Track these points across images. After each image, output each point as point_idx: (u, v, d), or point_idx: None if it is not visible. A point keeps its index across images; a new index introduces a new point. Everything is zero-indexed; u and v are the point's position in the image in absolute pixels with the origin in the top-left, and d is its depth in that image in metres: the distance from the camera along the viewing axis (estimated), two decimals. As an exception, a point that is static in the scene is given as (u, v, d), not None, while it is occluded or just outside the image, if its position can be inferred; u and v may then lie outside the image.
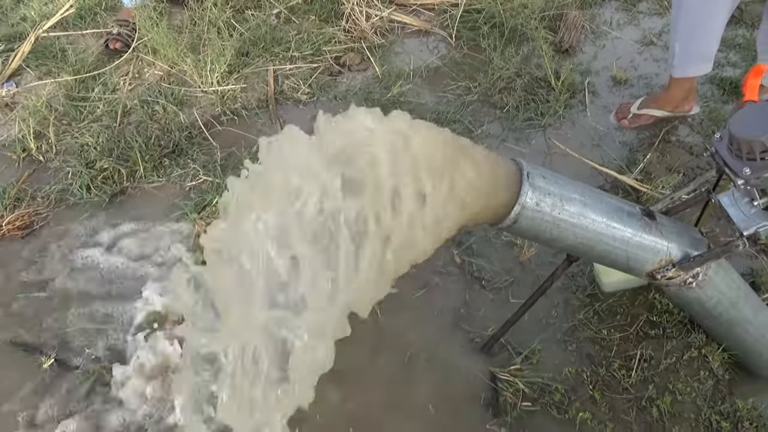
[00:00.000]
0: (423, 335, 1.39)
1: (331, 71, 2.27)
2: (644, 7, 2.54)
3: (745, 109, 1.00)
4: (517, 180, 1.00)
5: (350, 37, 2.40)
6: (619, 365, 1.30)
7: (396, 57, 2.34)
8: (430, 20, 2.52)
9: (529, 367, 1.31)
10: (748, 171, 0.98)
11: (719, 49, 2.28)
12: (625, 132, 1.94)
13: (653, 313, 1.39)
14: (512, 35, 2.32)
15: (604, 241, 1.06)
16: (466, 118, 2.01)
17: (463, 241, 1.59)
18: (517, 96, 2.07)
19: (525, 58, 2.24)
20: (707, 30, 1.71)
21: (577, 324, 1.39)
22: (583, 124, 1.98)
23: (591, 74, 2.19)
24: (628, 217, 1.08)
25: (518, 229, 1.03)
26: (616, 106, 2.02)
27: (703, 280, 1.15)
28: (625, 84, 2.15)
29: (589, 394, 1.26)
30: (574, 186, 1.05)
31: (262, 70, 2.22)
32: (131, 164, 1.80)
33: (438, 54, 2.34)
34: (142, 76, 2.19)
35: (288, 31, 2.40)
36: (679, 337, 1.35)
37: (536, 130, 1.97)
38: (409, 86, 2.17)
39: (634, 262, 1.10)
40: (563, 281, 1.49)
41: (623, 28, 2.44)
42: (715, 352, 1.31)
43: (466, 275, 1.52)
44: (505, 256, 1.56)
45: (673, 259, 1.11)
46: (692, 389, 1.26)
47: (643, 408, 1.23)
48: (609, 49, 2.32)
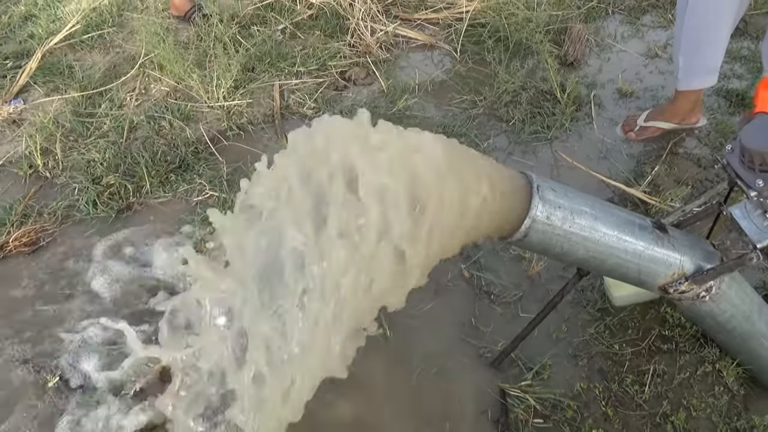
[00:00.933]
0: (432, 350, 1.37)
1: (336, 86, 2.28)
2: (648, 20, 2.55)
3: (757, 121, 0.99)
4: (527, 193, 0.99)
5: (355, 52, 2.41)
6: (631, 381, 1.28)
7: (401, 71, 2.35)
8: (434, 34, 2.53)
9: (540, 383, 1.29)
10: (761, 183, 0.97)
11: (725, 61, 2.28)
12: (632, 144, 1.93)
13: (665, 327, 1.37)
14: (517, 49, 2.33)
15: (615, 254, 1.05)
16: (472, 132, 2.01)
17: (471, 255, 1.57)
18: (522, 109, 2.07)
19: (530, 72, 2.24)
20: (711, 43, 1.71)
21: (588, 339, 1.38)
22: (590, 137, 1.98)
23: (597, 87, 2.19)
24: (639, 230, 1.07)
25: (528, 243, 1.02)
26: (622, 119, 2.02)
27: (716, 294, 1.13)
28: (631, 96, 2.14)
29: (602, 411, 1.24)
30: (584, 199, 1.05)
31: (267, 85, 2.23)
32: (137, 180, 1.80)
33: (443, 68, 2.35)
34: (149, 91, 2.20)
35: (293, 47, 2.41)
36: (692, 351, 1.33)
37: (543, 143, 1.96)
38: (414, 100, 2.17)
39: (646, 275, 1.09)
40: (573, 296, 1.47)
41: (628, 41, 2.44)
42: (729, 367, 1.29)
43: (474, 289, 1.50)
44: (513, 270, 1.54)
45: (685, 272, 1.10)
46: (707, 405, 1.24)
47: (657, 425, 1.21)
48: (614, 62, 2.32)
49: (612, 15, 2.60)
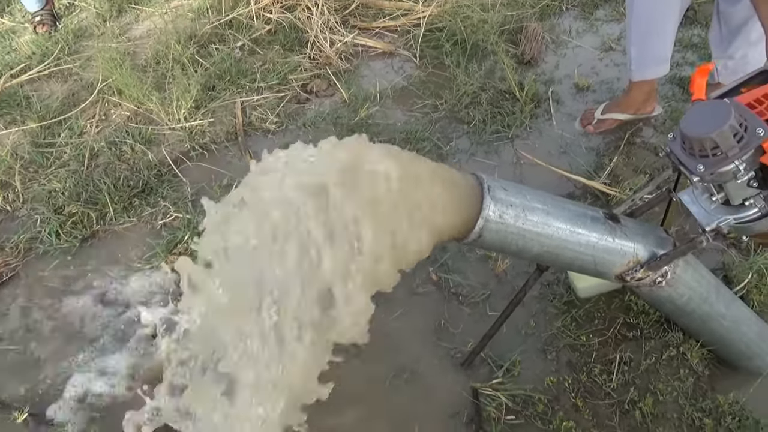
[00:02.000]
0: (403, 356, 1.38)
1: (298, 99, 2.28)
2: (601, 14, 2.60)
3: (694, 108, 1.02)
4: (478, 194, 1.00)
5: (316, 64, 2.42)
6: (599, 370, 1.30)
7: (362, 80, 2.37)
8: (393, 42, 2.55)
9: (511, 380, 1.30)
10: (702, 168, 0.99)
11: (677, 50, 2.34)
12: (591, 137, 1.96)
13: (630, 315, 1.40)
14: (475, 51, 2.36)
15: (569, 247, 1.07)
16: (434, 136, 2.03)
17: (438, 258, 1.59)
18: (483, 110, 2.10)
19: (488, 72, 2.27)
20: (659, 34, 1.75)
21: (555, 332, 1.39)
22: (550, 133, 2.01)
23: (554, 83, 2.22)
24: (592, 222, 1.09)
25: (484, 243, 1.03)
26: (580, 113, 2.05)
27: (672, 279, 1.16)
28: (587, 90, 2.18)
29: (572, 402, 1.26)
30: (536, 195, 1.06)
31: (229, 103, 2.22)
32: (100, 207, 1.78)
33: (404, 74, 2.37)
34: (109, 117, 2.19)
35: (253, 63, 2.42)
36: (656, 336, 1.35)
37: (504, 142, 1.99)
38: (376, 108, 2.19)
39: (602, 266, 1.11)
40: (539, 290, 1.49)
41: (582, 36, 2.49)
42: (693, 349, 1.31)
43: (443, 292, 1.51)
44: (480, 269, 1.56)
45: (640, 260, 1.12)
46: (673, 388, 1.26)
47: (626, 412, 1.23)
48: (570, 58, 2.36)
49: (566, 12, 2.64)
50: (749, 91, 1.05)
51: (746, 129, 0.96)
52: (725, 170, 0.98)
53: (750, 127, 0.96)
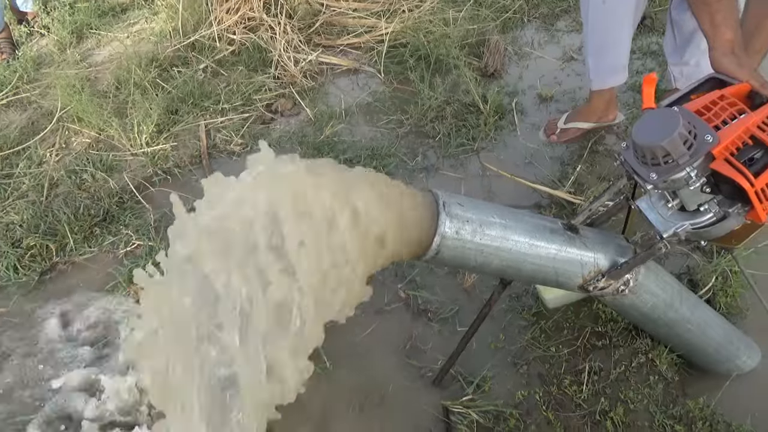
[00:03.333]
0: (373, 378, 1.36)
1: (263, 119, 2.27)
2: (562, 25, 2.64)
3: (644, 117, 1.02)
4: (434, 211, 1.00)
5: (280, 84, 2.41)
6: (570, 381, 1.29)
7: (327, 98, 2.36)
8: (357, 59, 2.56)
9: (482, 396, 1.29)
10: (655, 176, 0.99)
11: (636, 57, 2.38)
12: (555, 147, 1.98)
13: (599, 324, 1.39)
14: (438, 65, 2.37)
15: (529, 260, 1.06)
16: (400, 151, 2.02)
17: (407, 275, 1.57)
18: (448, 123, 2.10)
19: (452, 86, 2.28)
20: (615, 44, 1.77)
21: (525, 345, 1.39)
22: (515, 144, 2.02)
23: (518, 94, 2.24)
24: (551, 234, 1.08)
25: (442, 260, 1.02)
26: (544, 123, 2.07)
27: (635, 286, 1.16)
28: (551, 100, 2.20)
29: (544, 416, 1.24)
30: (493, 210, 1.06)
31: (193, 126, 2.20)
32: (60, 238, 1.74)
33: (368, 91, 2.37)
34: (70, 145, 2.14)
35: (217, 84, 2.40)
36: (625, 344, 1.35)
37: (470, 155, 1.99)
38: (342, 125, 2.18)
39: (564, 277, 1.11)
40: (508, 303, 1.48)
41: (544, 47, 2.52)
42: (662, 355, 1.31)
43: (411, 309, 1.50)
44: (448, 284, 1.55)
45: (601, 269, 1.12)
46: (643, 396, 1.26)
47: (597, 423, 1.22)
48: (533, 69, 2.39)
49: (528, 24, 2.68)
50: (698, 98, 1.06)
51: (695, 136, 0.97)
52: (677, 177, 0.98)
53: (699, 135, 0.97)
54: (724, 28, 1.12)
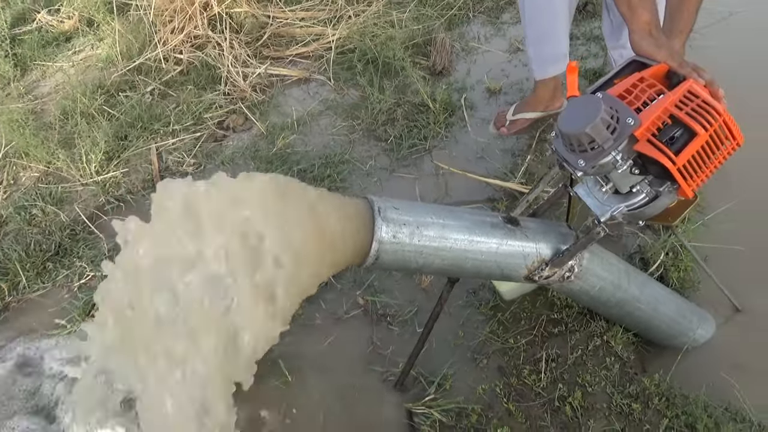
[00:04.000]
0: (335, 387, 1.35)
1: (215, 137, 2.25)
2: (507, 18, 2.66)
3: (569, 105, 1.04)
4: (369, 217, 1.00)
5: (230, 100, 2.40)
6: (529, 371, 1.30)
7: (279, 110, 2.35)
8: (307, 68, 2.55)
9: (444, 394, 1.29)
10: (583, 162, 1.01)
11: (581, 43, 2.42)
12: (506, 139, 1.99)
13: (554, 311, 1.41)
14: (386, 68, 2.37)
15: (471, 257, 1.07)
16: (353, 157, 2.02)
17: (364, 281, 1.57)
18: (399, 125, 2.11)
19: (401, 87, 2.29)
20: (553, 33, 1.80)
21: (484, 339, 1.39)
22: (466, 140, 2.03)
23: (467, 90, 2.25)
24: (491, 229, 1.09)
25: (383, 265, 1.02)
26: (493, 117, 2.09)
27: (580, 272, 1.17)
28: (499, 93, 2.22)
29: (505, 408, 1.25)
30: (430, 210, 1.06)
31: (143, 150, 2.17)
32: (12, 276, 1.70)
33: (320, 99, 2.37)
34: (18, 181, 2.10)
35: (166, 106, 2.37)
36: (581, 329, 1.37)
37: (422, 155, 2.00)
38: (294, 136, 2.17)
39: (508, 270, 1.12)
40: (465, 299, 1.49)
41: (490, 40, 2.54)
42: (616, 336, 1.33)
43: (370, 315, 1.50)
44: (406, 286, 1.55)
45: (544, 258, 1.13)
46: (601, 378, 1.27)
47: (557, 409, 1.23)
48: (480, 63, 2.41)
49: (473, 19, 2.70)
50: (620, 82, 1.08)
51: (618, 120, 0.98)
52: (605, 162, 1.00)
53: (621, 118, 0.98)
54: (641, 10, 1.14)
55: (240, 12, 2.72)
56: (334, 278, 1.58)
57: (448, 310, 1.47)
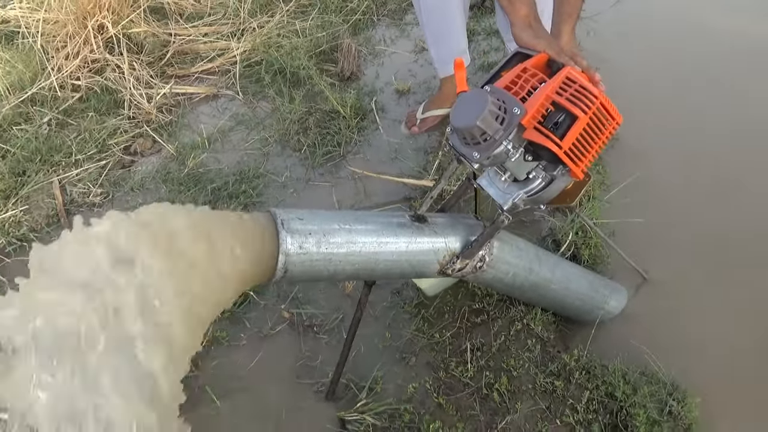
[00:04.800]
0: (266, 406, 1.33)
1: (122, 163, 2.16)
2: (410, 19, 2.71)
3: (458, 100, 1.06)
4: (274, 231, 0.98)
5: (136, 123, 2.31)
6: (456, 363, 1.33)
7: (188, 129, 2.29)
8: (214, 84, 2.50)
9: (375, 398, 1.29)
10: (477, 155, 1.04)
11: (482, 38, 2.49)
12: (417, 138, 2.03)
13: (475, 301, 1.44)
14: (294, 77, 2.36)
15: (382, 258, 1.08)
16: (268, 170, 2.00)
17: (288, 294, 1.55)
18: (312, 134, 2.10)
19: (311, 96, 2.28)
20: (450, 32, 1.84)
21: (411, 337, 1.41)
22: (379, 142, 2.05)
23: (376, 93, 2.27)
24: (398, 228, 1.10)
25: (293, 277, 1.01)
26: (404, 117, 2.11)
27: (491, 261, 1.20)
28: (408, 93, 2.26)
29: (436, 403, 1.27)
30: (336, 217, 1.06)
31: (44, 184, 2.06)
32: None
33: (230, 114, 2.32)
34: None
35: (66, 136, 2.26)
36: (502, 315, 1.40)
37: (338, 161, 2.00)
38: (206, 155, 2.12)
39: (420, 267, 1.13)
40: (390, 300, 1.50)
41: (396, 42, 2.57)
42: (536, 318, 1.38)
43: (297, 328, 1.48)
44: (331, 294, 1.54)
45: (454, 251, 1.15)
46: (524, 360, 1.31)
47: (485, 396, 1.26)
48: (388, 66, 2.44)
49: (378, 22, 2.73)
50: (506, 74, 1.12)
51: (506, 110, 1.01)
52: (498, 152, 1.02)
53: (509, 109, 1.02)
54: (519, 4, 1.18)
55: (139, 32, 2.63)
56: (256, 295, 1.55)
57: (373, 313, 1.48)
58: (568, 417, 1.21)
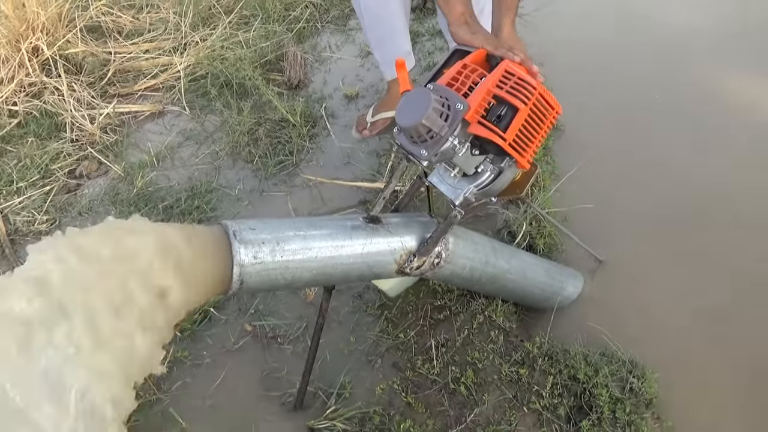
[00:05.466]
0: (234, 424, 1.30)
1: (68, 188, 2.09)
2: (354, 24, 2.72)
3: (402, 99, 1.08)
4: (227, 243, 0.97)
5: (80, 146, 2.24)
6: (422, 361, 1.33)
7: (135, 148, 2.23)
8: (159, 100, 2.45)
9: (345, 403, 1.29)
10: (425, 152, 1.05)
11: (426, 38, 2.52)
12: (369, 141, 2.03)
13: (437, 298, 1.45)
14: (241, 89, 2.34)
15: (339, 262, 1.07)
16: (221, 184, 1.97)
17: (249, 307, 1.53)
18: (263, 144, 2.08)
19: (260, 106, 2.26)
20: (393, 35, 1.85)
21: (376, 339, 1.41)
22: (332, 148, 2.05)
23: (325, 99, 2.27)
24: (353, 231, 1.10)
25: (250, 288, 1.00)
26: (354, 121, 2.12)
27: (448, 256, 1.21)
28: (356, 98, 2.26)
29: (405, 402, 1.27)
30: (289, 224, 1.05)
31: (-15, 215, 1.97)
32: None
33: (177, 130, 2.28)
34: None
35: (6, 163, 2.17)
36: (464, 310, 1.42)
37: (291, 170, 1.98)
38: (155, 173, 2.07)
39: (378, 268, 1.13)
40: (353, 304, 1.50)
41: (341, 48, 2.58)
42: (497, 310, 1.40)
43: (261, 340, 1.46)
44: (292, 303, 1.53)
45: (411, 249, 1.16)
46: (488, 352, 1.33)
47: (453, 391, 1.27)
48: (335, 71, 2.44)
49: (322, 29, 2.73)
50: (447, 72, 1.13)
51: (449, 107, 1.03)
52: (445, 148, 1.04)
53: (452, 105, 1.03)
54: (455, 2, 1.20)
55: (77, 52, 2.56)
56: (217, 311, 1.53)
57: (337, 319, 1.47)
58: (535, 403, 1.23)
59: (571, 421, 1.21)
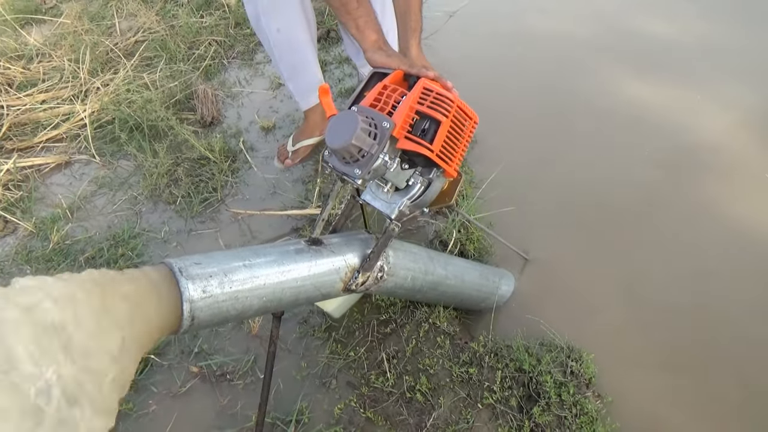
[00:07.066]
0: (191, 469, 1.26)
1: (-28, 252, 1.95)
2: (260, 58, 2.74)
3: (330, 123, 1.12)
4: (173, 281, 0.96)
5: (-20, 207, 2.10)
6: (375, 375, 1.36)
7: (44, 202, 2.12)
8: (64, 150, 2.34)
9: (304, 429, 1.28)
10: (359, 171, 1.09)
11: (335, 66, 2.58)
12: (293, 170, 2.05)
13: (381, 313, 1.49)
14: (153, 131, 2.29)
15: (287, 286, 1.09)
16: (144, 228, 1.91)
17: (192, 348, 1.49)
18: (184, 184, 2.04)
19: (175, 147, 2.22)
20: (303, 65, 1.90)
21: (327, 361, 1.42)
22: (256, 181, 2.05)
23: (242, 134, 2.27)
24: (297, 255, 1.12)
25: (203, 323, 0.99)
26: (275, 152, 2.13)
27: (390, 269, 1.26)
28: (274, 129, 2.28)
29: (365, 418, 1.29)
30: (234, 255, 1.05)
31: None
32: None
33: (89, 179, 2.19)
34: None
35: None
36: (409, 320, 1.46)
37: (217, 206, 1.96)
38: (70, 225, 1.98)
39: (326, 288, 1.16)
40: (299, 330, 1.50)
41: (251, 82, 2.59)
42: (440, 316, 1.45)
43: (209, 379, 1.43)
44: (238, 338, 1.51)
45: (354, 266, 1.19)
46: (438, 357, 1.38)
47: (409, 400, 1.31)
48: (248, 105, 2.44)
49: (229, 65, 2.73)
50: (369, 94, 1.19)
51: (376, 126, 1.08)
52: (377, 166, 1.09)
53: (378, 124, 1.08)
54: (368, 31, 1.27)
55: (-36, 109, 2.40)
56: (157, 358, 1.47)
57: (286, 347, 1.47)
58: (488, 398, 1.29)
59: (523, 410, 1.28)
